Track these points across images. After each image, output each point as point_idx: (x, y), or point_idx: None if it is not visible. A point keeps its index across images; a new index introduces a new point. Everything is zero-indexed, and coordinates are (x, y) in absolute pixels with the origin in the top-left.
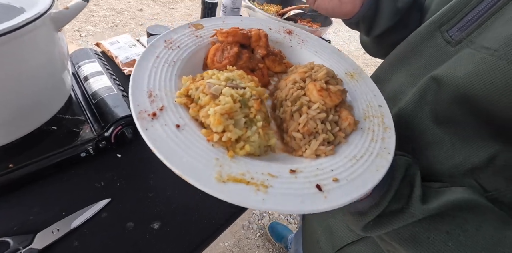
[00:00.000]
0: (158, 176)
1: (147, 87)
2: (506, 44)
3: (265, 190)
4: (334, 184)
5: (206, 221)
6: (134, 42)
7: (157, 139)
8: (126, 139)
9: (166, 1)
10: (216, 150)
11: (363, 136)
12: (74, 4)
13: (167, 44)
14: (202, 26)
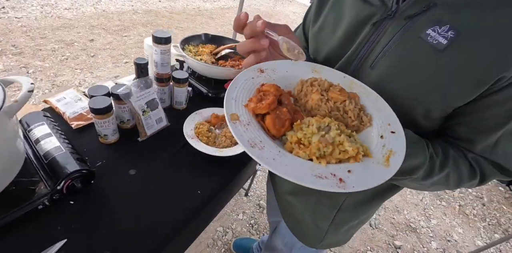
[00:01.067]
0: (107, 215)
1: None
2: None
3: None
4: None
5: (156, 246)
6: (79, 96)
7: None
8: (76, 189)
9: (118, 29)
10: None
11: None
12: (22, 96)
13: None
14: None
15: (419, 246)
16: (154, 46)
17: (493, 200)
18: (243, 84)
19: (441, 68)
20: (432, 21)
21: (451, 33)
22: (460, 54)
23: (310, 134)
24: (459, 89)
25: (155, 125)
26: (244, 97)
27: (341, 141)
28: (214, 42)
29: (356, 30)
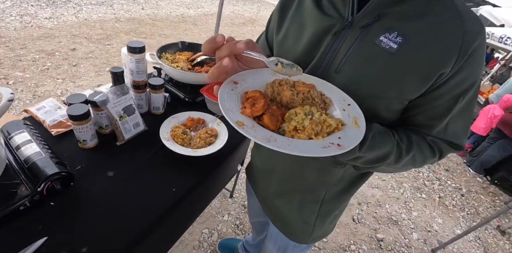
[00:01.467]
0: (86, 213)
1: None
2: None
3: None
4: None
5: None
6: (59, 105)
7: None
8: (56, 191)
9: (100, 38)
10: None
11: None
12: (2, 105)
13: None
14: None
15: (401, 238)
16: (129, 55)
17: (471, 190)
18: (228, 96)
19: (395, 68)
20: (383, 29)
21: (400, 39)
22: (408, 56)
23: (301, 120)
24: (411, 85)
25: (132, 129)
26: (236, 106)
27: (325, 119)
28: (191, 49)
29: (318, 40)
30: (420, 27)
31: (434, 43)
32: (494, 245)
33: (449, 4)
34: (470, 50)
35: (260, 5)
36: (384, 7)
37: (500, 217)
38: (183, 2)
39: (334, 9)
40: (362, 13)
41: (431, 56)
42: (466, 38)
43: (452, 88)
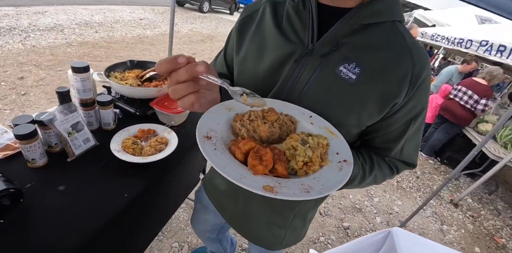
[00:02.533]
0: (37, 226)
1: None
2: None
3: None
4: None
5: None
6: (5, 129)
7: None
8: (5, 207)
9: (51, 64)
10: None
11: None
12: None
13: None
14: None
15: (366, 223)
16: (74, 75)
17: (425, 172)
18: (222, 160)
19: (354, 98)
20: (342, 59)
21: (358, 70)
22: (366, 87)
23: (304, 152)
24: (368, 113)
25: (82, 145)
26: (240, 168)
27: (317, 141)
28: (140, 67)
29: (280, 65)
30: (376, 60)
31: (388, 75)
32: (450, 217)
33: (400, 39)
34: (419, 82)
35: (218, 22)
36: (342, 37)
37: (452, 191)
38: (139, 23)
39: (294, 33)
40: (322, 41)
41: (386, 87)
42: (415, 71)
43: (404, 115)
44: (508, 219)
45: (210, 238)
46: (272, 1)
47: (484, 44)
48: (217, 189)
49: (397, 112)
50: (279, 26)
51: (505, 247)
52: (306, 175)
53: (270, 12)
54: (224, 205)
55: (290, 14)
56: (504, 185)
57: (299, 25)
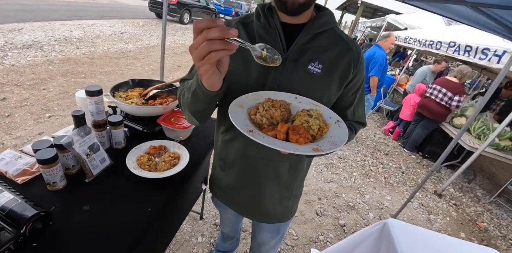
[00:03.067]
0: (68, 247)
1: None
2: None
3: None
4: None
5: None
6: (19, 155)
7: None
8: (38, 230)
9: (33, 84)
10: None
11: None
12: None
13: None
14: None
15: (360, 219)
16: (88, 98)
17: (409, 167)
18: (270, 141)
19: (323, 85)
20: (308, 60)
21: (320, 66)
22: (328, 75)
23: (314, 122)
24: (333, 92)
25: (99, 165)
26: (287, 144)
27: (319, 113)
28: (141, 85)
29: (266, 73)
30: (329, 56)
31: (340, 64)
32: (435, 207)
33: (340, 38)
34: (358, 63)
35: None
36: (304, 44)
37: (435, 183)
38: (121, 37)
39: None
40: (292, 50)
41: (341, 72)
42: (354, 56)
43: (352, 87)
44: (487, 204)
45: (231, 235)
46: (241, 23)
47: (452, 45)
48: (226, 189)
49: (347, 86)
50: (254, 42)
51: (487, 230)
52: (321, 137)
53: (243, 31)
54: (236, 199)
55: (260, 32)
56: (481, 173)
57: (270, 40)
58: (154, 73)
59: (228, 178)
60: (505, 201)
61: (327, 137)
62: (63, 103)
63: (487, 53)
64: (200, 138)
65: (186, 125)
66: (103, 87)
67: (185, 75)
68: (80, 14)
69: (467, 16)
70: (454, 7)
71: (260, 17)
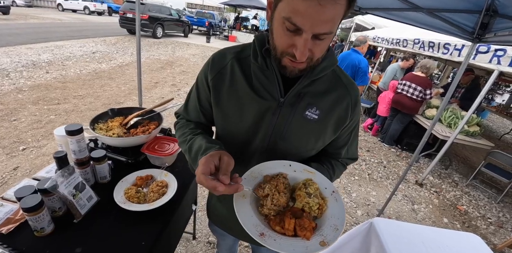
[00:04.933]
0: None
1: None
2: None
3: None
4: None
5: None
6: (1, 203)
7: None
8: None
9: (3, 115)
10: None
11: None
12: None
13: None
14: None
15: (349, 218)
16: (69, 138)
17: (390, 160)
18: (281, 244)
19: (319, 130)
20: (306, 105)
21: (317, 112)
22: (325, 121)
23: (314, 202)
24: (328, 137)
25: (87, 203)
26: (297, 244)
27: (316, 188)
28: (121, 114)
29: (261, 117)
30: (327, 101)
31: (337, 109)
32: (418, 197)
33: (339, 81)
34: (356, 107)
35: (174, 46)
36: (302, 88)
37: (415, 173)
38: (93, 57)
39: (265, 91)
40: (289, 95)
41: (337, 118)
42: (352, 101)
43: (347, 130)
44: (464, 187)
45: None
46: (237, 58)
47: (417, 42)
48: (223, 218)
49: (343, 130)
50: (250, 84)
51: (467, 213)
52: (322, 215)
53: (239, 71)
54: (235, 227)
55: (257, 73)
56: (456, 158)
57: (267, 83)
58: (131, 92)
59: (225, 209)
60: (480, 182)
61: (328, 219)
62: (37, 133)
63: (449, 48)
64: (185, 162)
65: (170, 152)
66: (79, 112)
67: (180, 109)
68: (46, 36)
69: (424, 21)
70: (412, 14)
71: (257, 57)
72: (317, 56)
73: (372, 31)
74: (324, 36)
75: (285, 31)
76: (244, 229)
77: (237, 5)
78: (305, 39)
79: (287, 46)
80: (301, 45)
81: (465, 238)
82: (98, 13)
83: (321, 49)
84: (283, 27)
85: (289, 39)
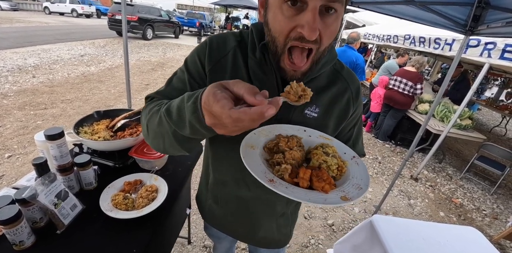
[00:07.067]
0: None
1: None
2: None
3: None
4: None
5: None
6: None
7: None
8: None
9: None
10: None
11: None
12: None
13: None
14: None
15: (347, 216)
16: (49, 143)
17: (384, 156)
18: (294, 191)
19: (318, 126)
20: (305, 103)
21: (317, 109)
22: (325, 118)
23: (332, 162)
24: (331, 131)
25: (70, 213)
26: (313, 194)
27: (335, 150)
28: (108, 116)
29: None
30: (327, 98)
31: (338, 104)
32: (414, 191)
33: (338, 75)
34: (357, 100)
35: (165, 47)
36: None
37: (410, 168)
38: (81, 60)
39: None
40: None
41: (338, 112)
42: (353, 93)
43: (349, 123)
44: (459, 180)
45: None
46: (239, 48)
47: (408, 38)
48: (220, 220)
49: (346, 124)
50: (250, 81)
51: (462, 206)
52: (341, 177)
53: (242, 64)
54: (232, 229)
55: (254, 69)
56: (449, 152)
57: (265, 80)
58: (121, 95)
59: (222, 211)
60: (473, 175)
61: (349, 179)
62: (23, 139)
63: (439, 43)
64: (177, 165)
65: (160, 154)
66: (67, 116)
67: (155, 92)
68: (33, 39)
69: (416, 15)
70: (404, 7)
71: (255, 51)
72: (325, 44)
73: (362, 28)
74: (331, 11)
75: (286, 12)
76: (253, 175)
77: (227, 5)
78: (313, 8)
79: (290, 28)
80: (310, 18)
81: (464, 232)
82: (86, 16)
83: (330, 32)
84: (284, 7)
85: (292, 20)
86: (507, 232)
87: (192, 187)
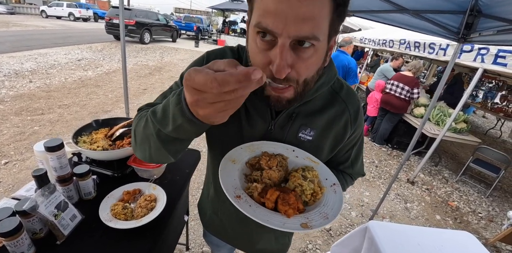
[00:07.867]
0: None
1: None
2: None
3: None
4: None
5: None
6: None
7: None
8: None
9: None
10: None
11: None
12: None
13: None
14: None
15: (344, 220)
16: (49, 154)
17: (381, 159)
18: (256, 210)
19: (313, 149)
20: (299, 126)
21: (312, 132)
22: (320, 141)
23: (308, 187)
24: (326, 154)
25: (70, 223)
26: (274, 216)
27: (313, 173)
28: (106, 125)
29: (258, 139)
30: (323, 121)
31: (334, 127)
32: (410, 195)
33: (336, 97)
34: (356, 121)
35: (162, 51)
36: (294, 108)
37: (406, 171)
38: (78, 65)
39: (257, 114)
40: (280, 117)
41: (335, 135)
42: (351, 116)
43: (346, 145)
44: (454, 183)
45: None
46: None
47: (403, 42)
48: (219, 229)
49: (342, 146)
50: (247, 111)
51: (458, 209)
52: (314, 203)
53: None
54: (233, 239)
55: (250, 95)
56: (445, 155)
57: (257, 102)
58: (119, 99)
59: (221, 223)
60: (469, 178)
61: (320, 206)
62: (20, 145)
63: (434, 47)
64: (175, 173)
65: (158, 164)
66: (64, 122)
67: (146, 105)
68: (29, 43)
69: (410, 23)
70: (398, 16)
71: None
72: (303, 76)
73: (358, 32)
74: (306, 45)
75: (259, 46)
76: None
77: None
78: (281, 45)
79: (264, 65)
80: (276, 54)
81: (459, 237)
82: (83, 20)
83: (306, 66)
84: (257, 41)
85: (265, 55)
86: (503, 234)
87: (191, 192)
